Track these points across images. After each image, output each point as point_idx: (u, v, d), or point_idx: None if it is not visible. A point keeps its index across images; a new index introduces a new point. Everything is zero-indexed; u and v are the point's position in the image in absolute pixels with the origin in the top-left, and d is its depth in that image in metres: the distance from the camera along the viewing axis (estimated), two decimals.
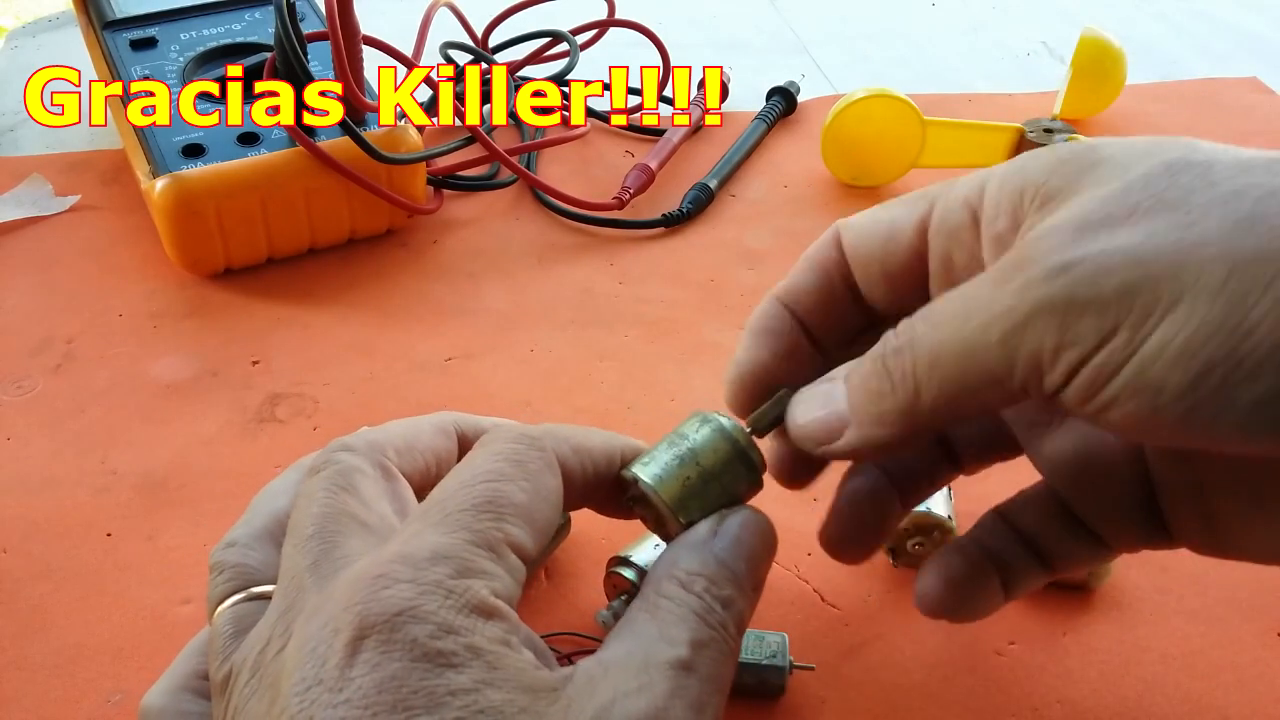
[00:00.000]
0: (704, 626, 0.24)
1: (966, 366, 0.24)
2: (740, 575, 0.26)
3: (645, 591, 0.25)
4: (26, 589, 0.38)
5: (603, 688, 0.23)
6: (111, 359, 0.48)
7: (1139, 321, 0.21)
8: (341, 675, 0.21)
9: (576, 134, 0.62)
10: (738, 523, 0.27)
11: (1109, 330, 0.22)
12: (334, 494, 0.26)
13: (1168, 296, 0.21)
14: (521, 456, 0.26)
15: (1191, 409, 0.21)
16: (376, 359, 0.49)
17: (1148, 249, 0.21)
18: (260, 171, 0.51)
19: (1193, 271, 0.21)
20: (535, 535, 0.25)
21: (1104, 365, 0.22)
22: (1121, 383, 0.22)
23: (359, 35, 0.52)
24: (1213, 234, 0.21)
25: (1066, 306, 0.22)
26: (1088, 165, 0.24)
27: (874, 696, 0.35)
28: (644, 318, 0.51)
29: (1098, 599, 0.38)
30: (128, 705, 0.34)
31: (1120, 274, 0.21)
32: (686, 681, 0.23)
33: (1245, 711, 0.35)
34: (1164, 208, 0.22)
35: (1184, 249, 0.21)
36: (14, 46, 0.75)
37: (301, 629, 0.23)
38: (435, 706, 0.21)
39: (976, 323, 0.23)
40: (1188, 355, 0.21)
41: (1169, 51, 0.77)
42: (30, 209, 0.57)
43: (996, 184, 0.26)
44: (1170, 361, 0.21)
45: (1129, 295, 0.21)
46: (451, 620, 0.22)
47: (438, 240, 0.56)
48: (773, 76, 0.69)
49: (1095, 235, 0.22)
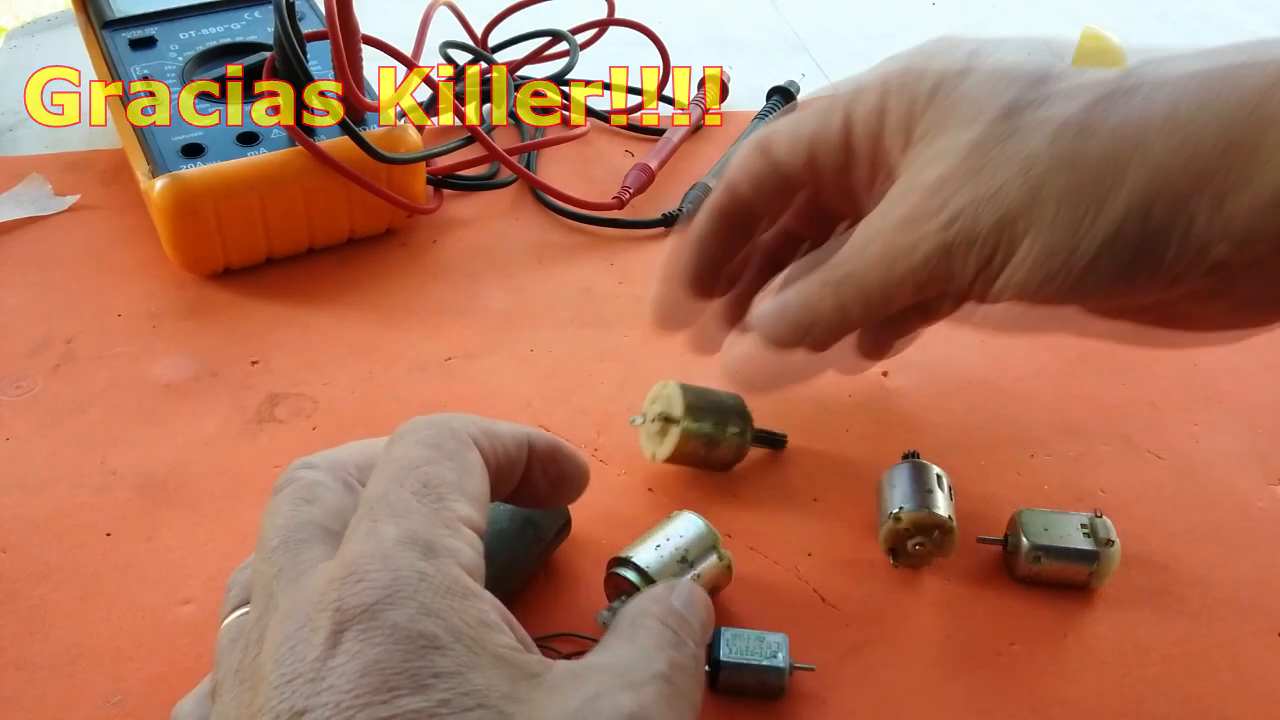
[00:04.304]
0: (680, 653, 0.26)
1: (902, 284, 0.34)
2: (694, 626, 0.28)
3: (617, 627, 0.27)
4: (26, 589, 0.38)
5: (590, 682, 0.23)
6: (111, 359, 0.48)
7: (1008, 245, 0.31)
8: (323, 665, 0.22)
9: (576, 134, 0.62)
10: (686, 589, 0.29)
11: (990, 252, 0.32)
12: (297, 506, 0.27)
13: (1023, 226, 0.31)
14: (436, 440, 0.27)
15: (1049, 297, 0.32)
16: (376, 359, 0.48)
17: (1002, 195, 0.31)
18: (260, 171, 0.51)
19: (1035, 209, 0.31)
20: (477, 508, 0.26)
21: (991, 273, 0.32)
22: (1003, 281, 0.32)
23: (359, 35, 0.52)
24: (1044, 176, 0.30)
25: (960, 243, 0.32)
26: (953, 103, 0.33)
27: (874, 696, 0.35)
28: (644, 318, 0.51)
29: (1098, 599, 0.38)
30: (127, 705, 0.34)
31: (988, 216, 0.31)
32: (669, 691, 0.25)
33: (1245, 711, 0.35)
34: (1008, 156, 0.31)
35: (1027, 192, 0.31)
36: (13, 46, 0.75)
37: (275, 630, 0.23)
38: (421, 688, 0.21)
39: (903, 264, 0.33)
40: (1040, 263, 0.31)
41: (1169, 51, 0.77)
42: (29, 209, 0.57)
43: (894, 100, 0.35)
44: (1031, 268, 0.31)
45: (997, 229, 0.31)
46: (430, 602, 0.23)
47: (437, 240, 0.56)
48: (773, 76, 0.69)
49: (965, 187, 0.32)
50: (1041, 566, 0.37)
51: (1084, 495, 0.42)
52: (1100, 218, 0.30)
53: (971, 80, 0.33)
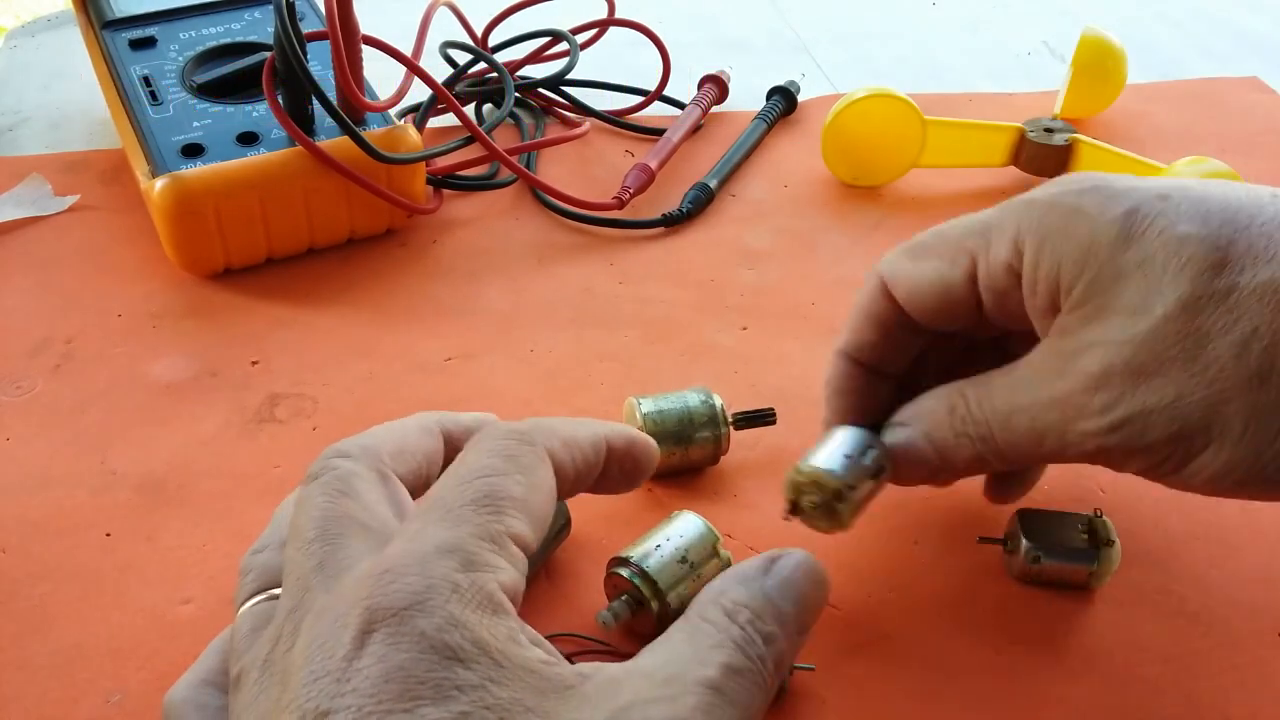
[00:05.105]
0: (740, 655, 0.24)
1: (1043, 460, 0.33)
2: (786, 615, 0.26)
3: (688, 614, 0.25)
4: (26, 589, 0.38)
5: (625, 690, 0.23)
6: (111, 359, 0.48)
7: (1181, 459, 0.29)
8: (349, 666, 0.22)
9: (576, 134, 0.62)
10: (791, 564, 0.27)
11: (1159, 462, 0.29)
12: (333, 498, 0.27)
13: (1201, 442, 0.28)
14: (513, 451, 0.27)
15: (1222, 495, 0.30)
16: (376, 359, 0.48)
17: (1180, 408, 0.28)
18: (260, 171, 0.51)
19: (1218, 426, 0.28)
20: (534, 526, 0.26)
21: (1156, 476, 0.30)
22: (1171, 482, 0.30)
23: (359, 35, 0.52)
24: (1229, 391, 0.27)
25: (1124, 452, 0.29)
26: (1114, 277, 0.29)
27: (874, 696, 0.35)
28: (644, 318, 0.51)
29: (1098, 599, 0.38)
30: (127, 705, 0.34)
31: (1161, 429, 0.28)
32: (715, 701, 0.23)
33: (1245, 712, 0.35)
34: (1187, 360, 0.28)
35: (1209, 407, 0.28)
36: (13, 46, 0.75)
37: (310, 626, 0.23)
38: (442, 699, 0.21)
39: (1049, 446, 0.31)
40: (1220, 477, 0.28)
41: (1170, 51, 0.77)
42: (29, 209, 0.57)
43: (1031, 260, 0.31)
44: (1207, 480, 0.29)
45: (1171, 443, 0.28)
46: (459, 614, 0.22)
47: (437, 240, 0.56)
48: (773, 76, 0.69)
49: (1134, 389, 0.29)
50: (1041, 566, 0.37)
51: (1084, 495, 0.42)
52: None
53: (1136, 255, 0.29)
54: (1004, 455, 0.32)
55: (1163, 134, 0.66)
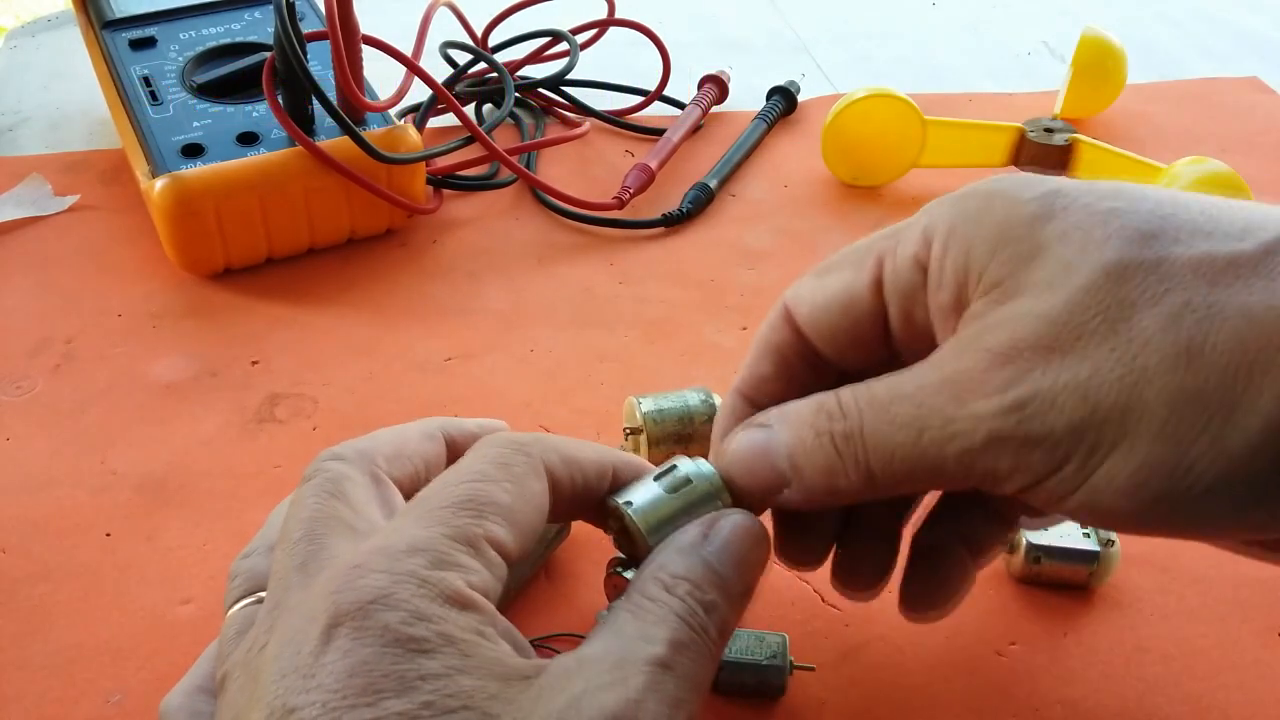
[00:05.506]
0: (685, 628, 0.24)
1: (919, 467, 0.25)
2: (728, 580, 0.26)
3: (630, 592, 0.25)
4: (26, 589, 0.38)
5: (577, 679, 0.23)
6: (111, 359, 0.48)
7: (1087, 455, 0.23)
8: (315, 662, 0.22)
9: (576, 134, 0.62)
10: (729, 526, 0.27)
11: (1060, 460, 0.24)
12: (323, 500, 0.27)
13: (1113, 434, 0.23)
14: (507, 460, 0.26)
15: (1139, 525, 0.24)
16: (376, 359, 0.48)
17: (1093, 386, 0.23)
18: (260, 171, 0.51)
19: (1136, 412, 0.23)
20: (517, 535, 0.25)
21: (1056, 488, 0.24)
22: (1074, 502, 0.24)
23: (359, 35, 0.52)
24: (1153, 369, 0.23)
25: (1021, 441, 0.24)
26: (1031, 252, 0.25)
27: (874, 696, 0.35)
28: (644, 318, 0.51)
29: (1098, 599, 0.38)
30: (127, 705, 0.34)
31: (1069, 412, 0.23)
32: (663, 678, 0.23)
33: (1246, 712, 0.35)
34: (1107, 333, 0.23)
35: (1127, 387, 0.23)
36: (13, 46, 0.75)
37: (284, 623, 0.24)
38: (406, 690, 0.21)
39: (931, 438, 0.25)
40: (1133, 487, 0.23)
41: (1170, 51, 0.77)
42: (29, 209, 0.57)
43: (940, 246, 0.27)
44: (1118, 492, 0.23)
45: (1077, 432, 0.23)
46: (424, 608, 0.23)
47: (437, 240, 0.56)
48: (773, 76, 0.69)
49: (1044, 365, 0.24)
50: (1041, 566, 0.37)
51: None
52: (1228, 432, 0.22)
53: (1057, 227, 0.25)
54: (869, 462, 0.26)
55: (1163, 134, 0.66)
